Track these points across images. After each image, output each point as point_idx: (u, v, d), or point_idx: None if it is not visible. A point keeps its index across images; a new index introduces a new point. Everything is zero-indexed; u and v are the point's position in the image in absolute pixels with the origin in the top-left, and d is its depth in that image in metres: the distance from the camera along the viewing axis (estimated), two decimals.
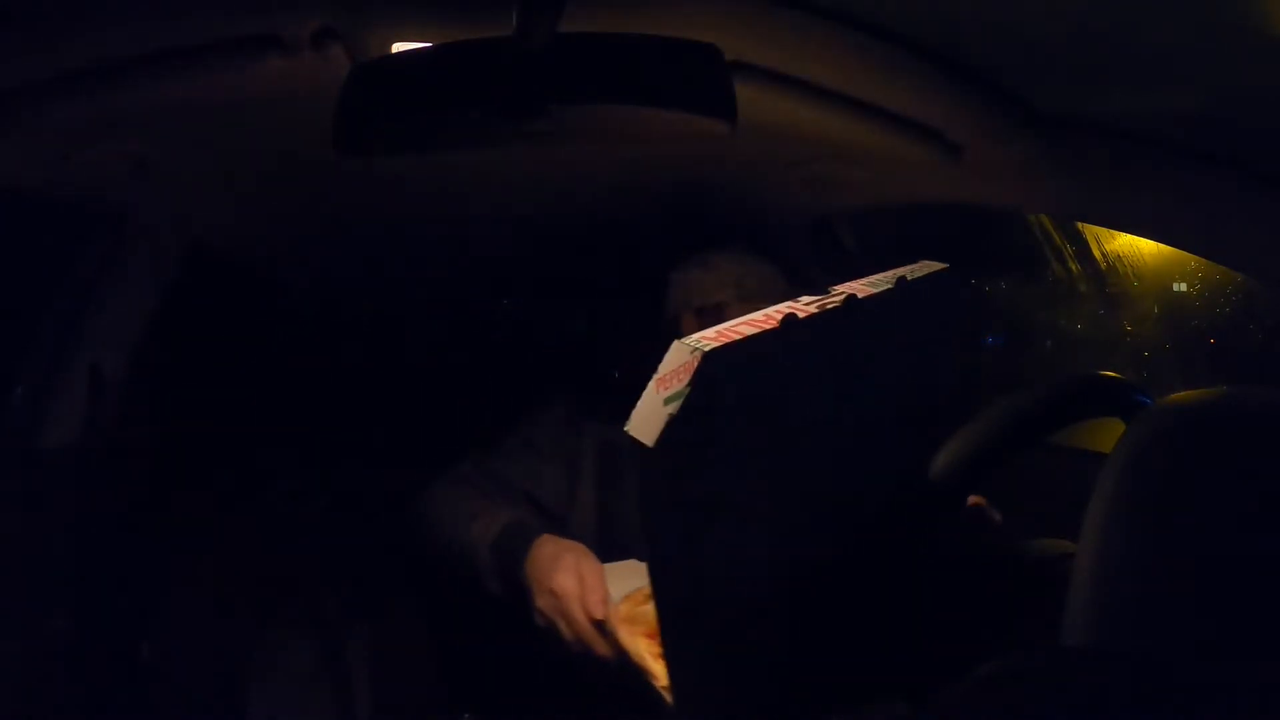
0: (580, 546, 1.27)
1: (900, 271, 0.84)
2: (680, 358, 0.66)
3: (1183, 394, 0.59)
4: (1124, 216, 1.27)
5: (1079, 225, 2.37)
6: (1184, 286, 2.61)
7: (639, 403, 0.67)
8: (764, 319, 0.72)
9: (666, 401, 0.65)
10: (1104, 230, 2.26)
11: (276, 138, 1.29)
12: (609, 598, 1.17)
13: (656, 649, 1.07)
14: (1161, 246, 1.45)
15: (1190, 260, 2.31)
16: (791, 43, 1.03)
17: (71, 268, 1.69)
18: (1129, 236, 2.15)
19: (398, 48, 1.00)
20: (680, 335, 1.62)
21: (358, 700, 1.76)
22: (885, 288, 0.81)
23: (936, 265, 0.89)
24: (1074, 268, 2.71)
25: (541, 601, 1.22)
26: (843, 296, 0.78)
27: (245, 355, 2.10)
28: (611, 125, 0.91)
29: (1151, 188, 1.12)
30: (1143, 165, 1.10)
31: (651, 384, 0.67)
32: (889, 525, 0.74)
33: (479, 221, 1.92)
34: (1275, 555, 0.51)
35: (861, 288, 0.80)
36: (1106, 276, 2.65)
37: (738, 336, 0.69)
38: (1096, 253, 2.55)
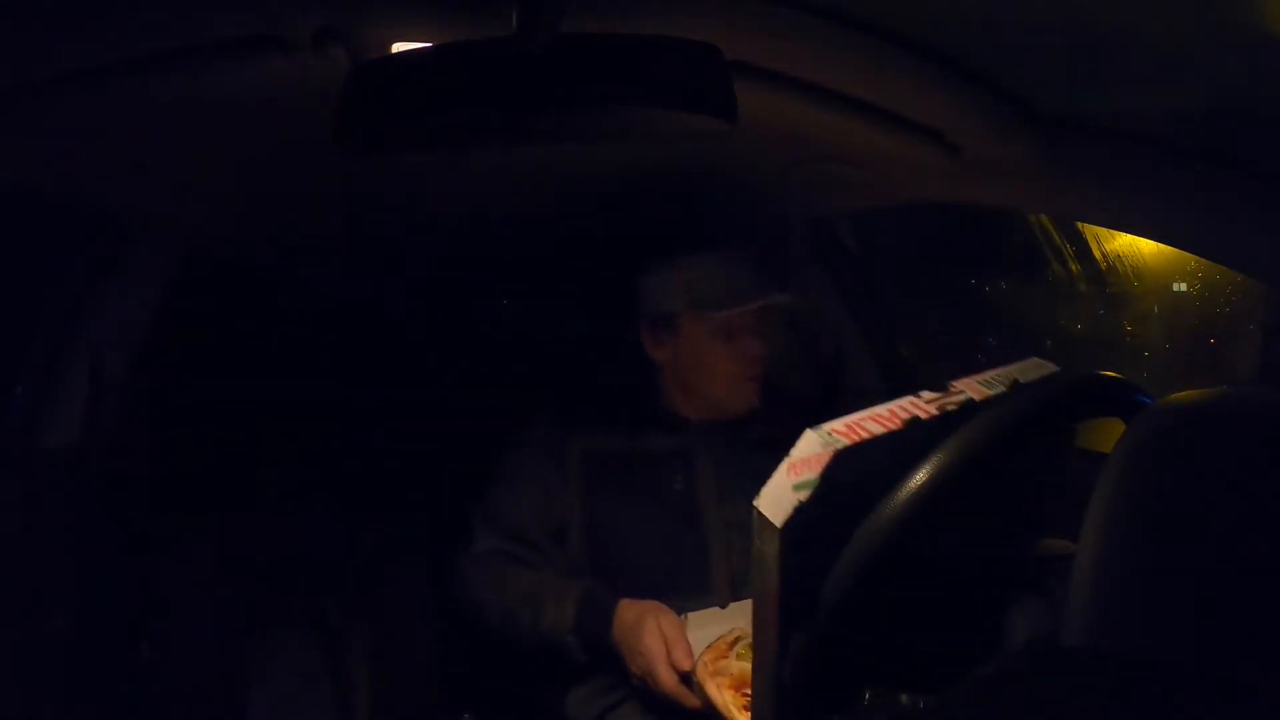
0: (657, 605, 1.37)
1: (1013, 374, 0.87)
2: (812, 448, 0.75)
3: (1183, 394, 0.59)
4: (1124, 216, 1.27)
5: (1079, 225, 2.37)
6: (1184, 286, 2.61)
7: (770, 482, 0.77)
8: (889, 415, 0.78)
9: (796, 488, 0.74)
10: (1104, 230, 2.26)
11: (276, 138, 1.29)
12: (692, 650, 1.29)
13: (741, 700, 1.17)
14: (1161, 246, 1.45)
15: (1190, 260, 2.31)
16: (791, 43, 1.03)
17: (71, 268, 1.69)
18: (1129, 236, 2.15)
19: (398, 48, 1.00)
20: (642, 345, 1.65)
21: (358, 700, 1.76)
22: (1000, 390, 0.85)
23: (1048, 366, 0.91)
24: (1074, 268, 2.71)
25: (634, 665, 1.34)
26: (961, 399, 0.82)
27: (245, 355, 2.10)
28: (611, 125, 0.91)
29: (1151, 188, 1.12)
30: (1143, 165, 1.10)
31: (783, 466, 0.76)
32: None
33: (479, 222, 1.92)
34: (1275, 555, 0.51)
35: (978, 389, 0.84)
36: (1106, 276, 2.65)
37: (866, 435, 0.76)
38: (1096, 253, 2.55)
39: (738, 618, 1.33)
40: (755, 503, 0.78)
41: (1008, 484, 0.87)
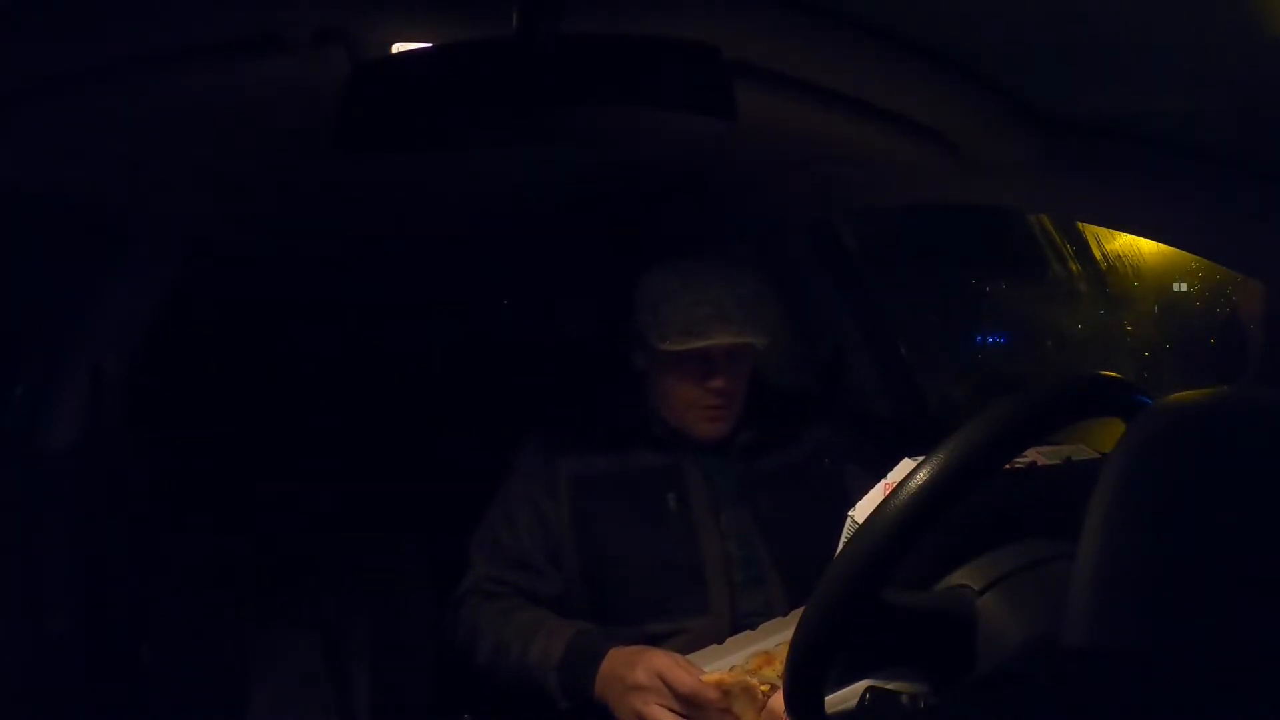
0: (653, 649, 1.31)
1: (1066, 451, 0.94)
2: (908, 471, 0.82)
3: (1183, 394, 0.59)
4: (1124, 216, 1.27)
5: (1079, 225, 2.37)
6: (1184, 286, 2.61)
7: (866, 497, 0.89)
8: None
9: None
10: (1104, 230, 2.26)
11: (277, 138, 1.29)
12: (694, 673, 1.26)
13: None
14: (1161, 246, 1.45)
15: (1190, 260, 2.31)
16: (792, 43, 1.03)
17: (71, 268, 1.69)
18: (1129, 236, 2.15)
19: (398, 48, 1.01)
20: (643, 348, 1.60)
21: (358, 700, 1.76)
22: (1056, 462, 0.92)
23: (1091, 453, 0.95)
24: (1074, 268, 2.72)
25: (630, 703, 1.27)
26: (1025, 461, 0.90)
27: (245, 355, 2.10)
28: (611, 126, 0.91)
29: (1152, 188, 1.12)
30: (1143, 165, 1.10)
31: (880, 485, 0.88)
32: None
33: (479, 222, 1.92)
34: (1275, 555, 0.51)
35: (1039, 457, 0.92)
36: (1106, 276, 2.65)
37: None
38: (1096, 253, 2.55)
39: (731, 651, 1.32)
40: (850, 513, 0.90)
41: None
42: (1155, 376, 2.71)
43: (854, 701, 0.82)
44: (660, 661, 1.26)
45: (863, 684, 0.83)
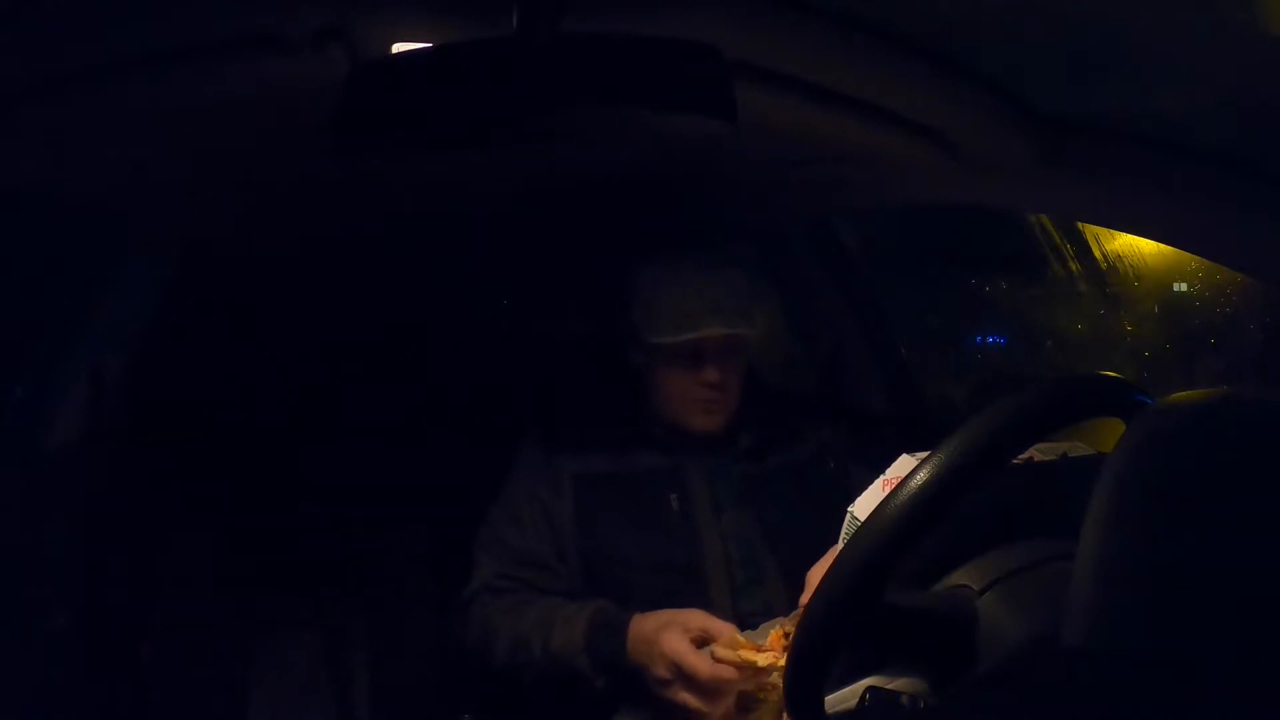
0: (678, 610, 1.31)
1: (1063, 448, 0.94)
2: (907, 467, 0.83)
3: (1183, 394, 0.59)
4: (1124, 216, 1.27)
5: (1079, 225, 2.37)
6: (1184, 286, 2.61)
7: (865, 493, 0.91)
8: None
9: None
10: (1104, 230, 2.26)
11: (276, 138, 1.29)
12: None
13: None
14: (1161, 246, 1.46)
15: (1190, 260, 2.32)
16: (792, 43, 1.03)
17: (71, 268, 1.69)
18: (1129, 236, 2.15)
19: (398, 48, 1.01)
20: (636, 344, 1.59)
21: (358, 700, 1.76)
22: (1052, 458, 0.92)
23: (1087, 449, 0.96)
24: (1074, 268, 2.71)
25: (658, 670, 1.27)
26: (1024, 457, 0.89)
27: (244, 355, 2.10)
28: (611, 126, 0.91)
29: (1151, 188, 1.12)
30: (1143, 165, 1.10)
31: (879, 482, 0.90)
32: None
33: (478, 221, 1.92)
34: (1275, 555, 0.51)
35: (1036, 454, 0.92)
36: (1106, 276, 2.66)
37: None
38: (1096, 253, 2.55)
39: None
40: (850, 508, 0.92)
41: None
42: (1155, 376, 2.71)
43: (854, 701, 0.82)
44: (674, 648, 1.25)
45: (863, 684, 0.82)
